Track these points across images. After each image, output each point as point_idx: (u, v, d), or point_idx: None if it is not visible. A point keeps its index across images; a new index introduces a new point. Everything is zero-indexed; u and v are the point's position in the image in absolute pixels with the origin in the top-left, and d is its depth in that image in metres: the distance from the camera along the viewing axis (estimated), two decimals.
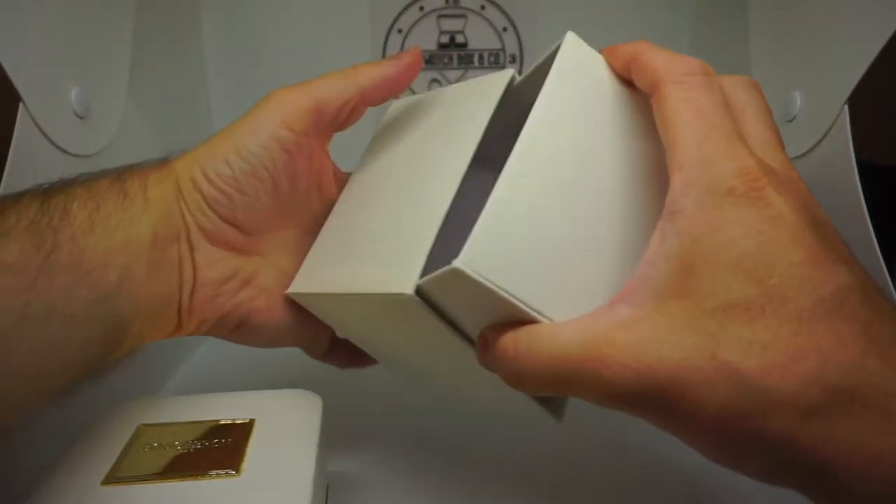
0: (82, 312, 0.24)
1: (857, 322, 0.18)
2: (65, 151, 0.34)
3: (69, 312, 0.23)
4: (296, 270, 0.32)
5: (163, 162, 0.30)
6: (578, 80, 0.24)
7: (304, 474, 0.26)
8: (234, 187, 0.29)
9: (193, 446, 0.27)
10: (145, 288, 0.26)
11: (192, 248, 0.29)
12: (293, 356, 0.48)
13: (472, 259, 0.20)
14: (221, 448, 0.27)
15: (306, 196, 0.32)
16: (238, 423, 0.28)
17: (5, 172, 0.30)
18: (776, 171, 0.21)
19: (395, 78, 0.31)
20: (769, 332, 0.18)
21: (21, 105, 0.31)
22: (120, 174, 0.28)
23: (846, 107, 0.33)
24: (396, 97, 0.33)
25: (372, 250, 0.28)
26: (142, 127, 0.43)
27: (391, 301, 0.25)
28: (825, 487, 0.18)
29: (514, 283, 0.21)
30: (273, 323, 0.31)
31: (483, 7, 0.53)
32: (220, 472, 0.25)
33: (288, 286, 0.31)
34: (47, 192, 0.25)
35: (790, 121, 0.38)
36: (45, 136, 0.32)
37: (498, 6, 0.53)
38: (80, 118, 0.35)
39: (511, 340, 0.22)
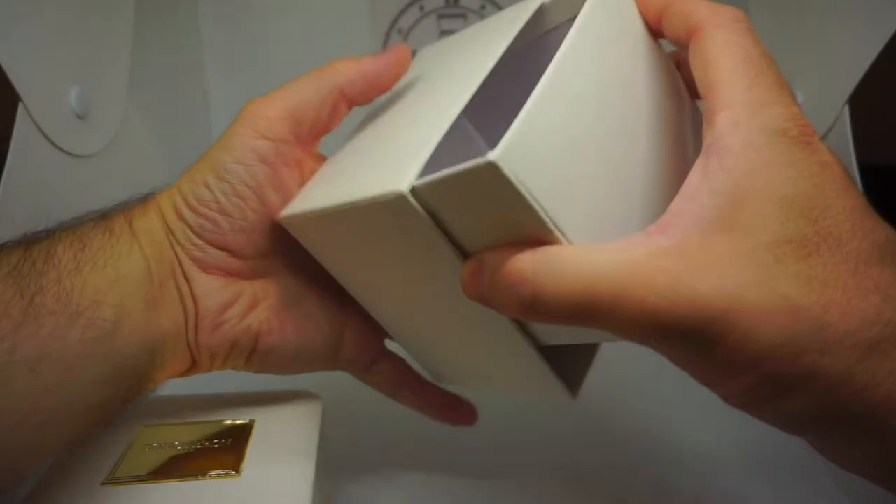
0: (79, 353, 0.23)
1: None
2: (64, 151, 0.34)
3: (64, 355, 0.22)
4: (308, 286, 0.30)
5: (147, 197, 0.29)
6: (613, 12, 0.23)
7: (304, 474, 0.26)
8: (218, 210, 0.27)
9: (193, 446, 0.27)
10: (147, 324, 0.25)
11: (188, 279, 0.27)
12: None
13: (508, 156, 0.18)
14: (221, 448, 0.27)
15: None
16: (238, 424, 0.28)
17: (5, 172, 0.30)
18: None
19: (376, 75, 0.29)
20: (827, 270, 0.18)
21: (21, 105, 0.31)
22: (104, 214, 0.27)
23: (846, 107, 0.33)
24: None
25: (369, 160, 0.25)
26: (141, 127, 0.43)
27: (384, 208, 0.22)
28: (868, 432, 0.18)
29: (545, 194, 0.19)
30: (288, 341, 0.29)
31: (483, 7, 0.53)
32: (220, 472, 0.25)
33: (305, 307, 0.29)
34: (30, 240, 0.24)
35: None
36: (45, 136, 0.32)
37: (498, 6, 0.53)
38: (80, 118, 0.35)
39: (528, 262, 0.20)
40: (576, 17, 0.22)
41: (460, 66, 0.27)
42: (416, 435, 0.39)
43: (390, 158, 0.24)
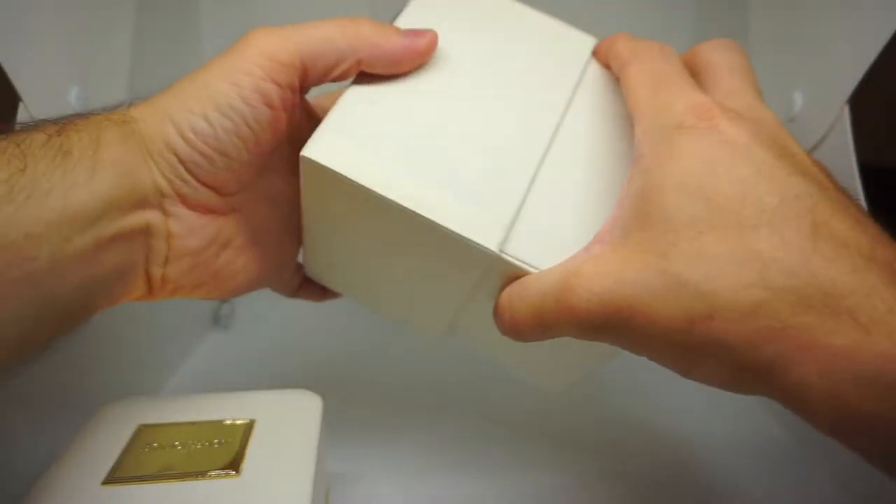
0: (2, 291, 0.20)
1: (807, 225, 0.19)
2: None
3: None
4: (275, 221, 0.31)
5: (119, 113, 0.25)
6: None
7: (304, 474, 0.26)
8: (216, 148, 0.25)
9: (193, 446, 0.27)
10: (91, 264, 0.23)
11: (166, 214, 0.26)
12: (293, 356, 0.48)
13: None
14: (221, 448, 0.27)
15: (286, 146, 0.29)
16: (238, 423, 0.28)
17: None
18: (737, 110, 0.22)
19: (398, 60, 0.27)
20: (715, 244, 0.19)
21: (21, 105, 0.31)
22: (61, 127, 0.23)
23: (847, 107, 0.33)
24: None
25: (453, 174, 0.25)
26: None
27: (460, 247, 0.24)
28: (781, 387, 0.19)
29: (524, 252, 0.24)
30: (251, 278, 0.30)
31: None
32: (220, 472, 0.25)
33: (265, 242, 0.30)
34: None
35: (790, 121, 0.38)
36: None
37: None
38: None
39: (506, 294, 0.24)
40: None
41: (531, 107, 0.28)
42: (416, 435, 0.39)
43: (479, 194, 0.25)
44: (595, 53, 0.30)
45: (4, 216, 0.20)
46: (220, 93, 0.25)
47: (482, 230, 0.24)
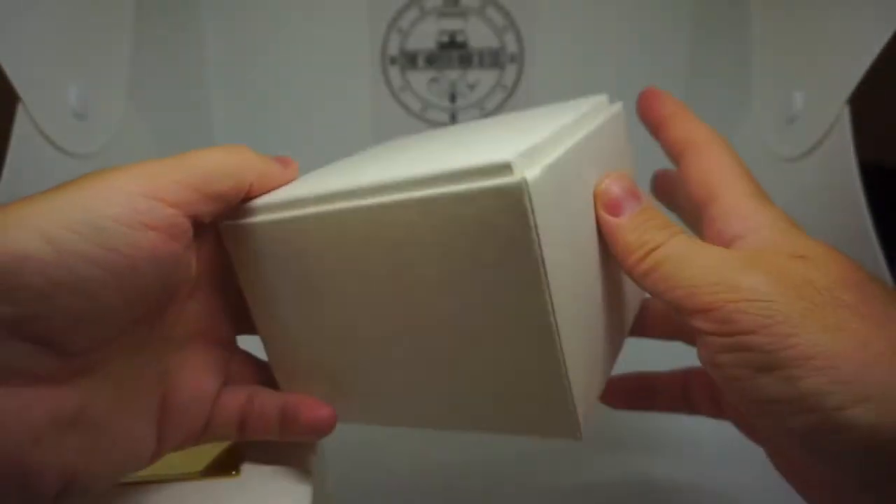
0: None
1: None
2: (64, 151, 0.34)
3: None
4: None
5: None
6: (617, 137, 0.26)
7: (304, 474, 0.26)
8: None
9: (193, 446, 0.27)
10: None
11: None
12: None
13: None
14: (221, 448, 0.27)
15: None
16: None
17: (4, 171, 0.30)
18: None
19: (279, 185, 0.24)
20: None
21: (20, 104, 0.31)
22: None
23: (847, 107, 0.33)
24: None
25: (437, 150, 0.21)
26: (141, 126, 0.43)
27: (479, 204, 0.18)
28: None
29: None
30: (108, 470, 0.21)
31: (483, 7, 0.53)
32: (220, 472, 0.25)
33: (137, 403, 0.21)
34: None
35: (790, 121, 0.38)
36: (44, 135, 0.32)
37: (498, 6, 0.53)
38: (79, 117, 0.35)
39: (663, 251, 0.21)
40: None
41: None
42: (416, 435, 0.39)
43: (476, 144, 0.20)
44: (641, 104, 0.28)
45: None
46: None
47: (489, 154, 0.18)
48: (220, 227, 0.23)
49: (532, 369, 0.20)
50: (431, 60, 0.55)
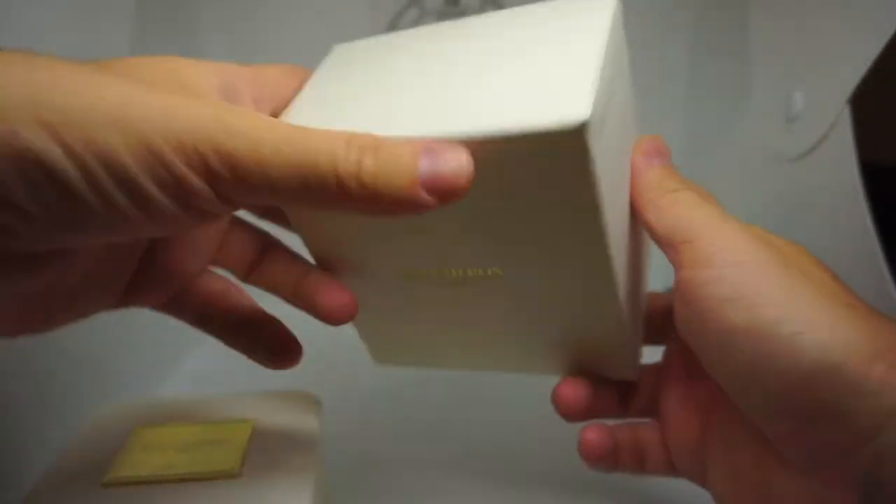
0: None
1: None
2: None
3: None
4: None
5: None
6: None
7: (304, 474, 0.26)
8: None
9: (193, 447, 0.27)
10: None
11: None
12: None
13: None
14: (221, 449, 0.27)
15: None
16: (238, 424, 0.28)
17: None
18: None
19: None
20: None
21: None
22: None
23: (847, 106, 0.33)
24: None
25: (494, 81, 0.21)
26: None
27: (545, 146, 0.18)
28: None
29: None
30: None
31: (483, 6, 0.53)
32: (220, 472, 0.25)
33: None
34: None
35: (791, 121, 0.38)
36: None
37: (498, 5, 0.53)
38: None
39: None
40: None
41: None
42: (416, 435, 0.39)
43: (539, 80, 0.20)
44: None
45: None
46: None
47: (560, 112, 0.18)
48: None
49: (592, 296, 0.24)
50: None
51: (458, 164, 0.18)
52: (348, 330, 0.51)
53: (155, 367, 0.44)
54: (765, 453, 0.22)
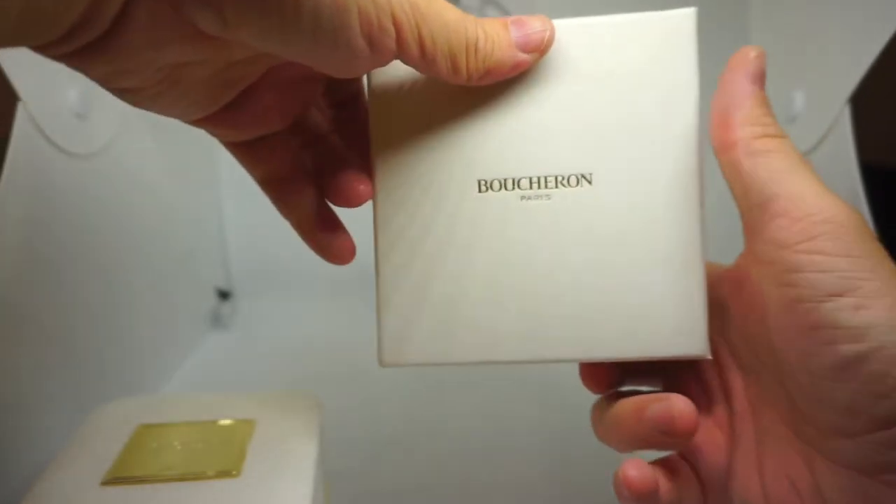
0: None
1: None
2: (64, 151, 0.34)
3: None
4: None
5: None
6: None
7: (304, 474, 0.26)
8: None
9: (193, 446, 0.27)
10: None
11: None
12: (293, 356, 0.48)
13: None
14: (221, 448, 0.27)
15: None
16: (238, 423, 0.28)
17: (4, 171, 0.30)
18: None
19: None
20: None
21: (20, 105, 0.31)
22: None
23: (847, 106, 0.33)
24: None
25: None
26: (141, 127, 0.43)
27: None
28: None
29: None
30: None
31: (483, 6, 0.53)
32: (220, 472, 0.25)
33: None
34: None
35: (791, 120, 0.38)
36: (44, 135, 0.32)
37: (497, 4, 0.53)
38: (80, 118, 0.35)
39: None
40: None
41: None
42: (415, 434, 0.39)
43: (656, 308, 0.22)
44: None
45: None
46: None
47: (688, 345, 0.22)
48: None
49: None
50: None
51: (541, 23, 0.22)
52: (350, 331, 0.51)
53: (155, 366, 0.44)
54: (807, 458, 0.21)
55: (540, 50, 0.22)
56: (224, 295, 0.56)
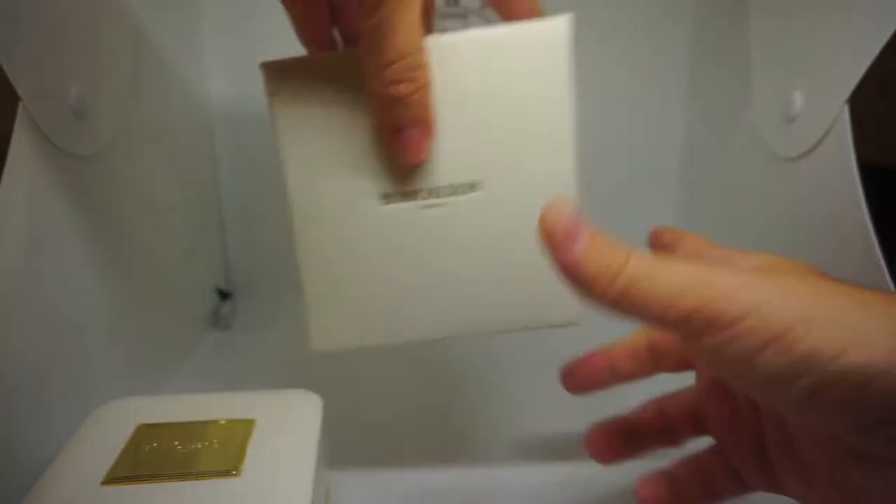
0: None
1: None
2: (64, 151, 0.34)
3: None
4: None
5: None
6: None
7: (304, 474, 0.26)
8: None
9: (193, 446, 0.27)
10: None
11: None
12: (293, 356, 0.48)
13: None
14: (221, 448, 0.27)
15: None
16: (238, 423, 0.28)
17: (4, 172, 0.30)
18: None
19: None
20: None
21: (20, 105, 0.31)
22: None
23: (847, 106, 0.33)
24: None
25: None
26: (142, 127, 0.43)
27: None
28: None
29: None
30: None
31: (483, 6, 0.53)
32: (220, 472, 0.25)
33: None
34: None
35: (790, 121, 0.38)
36: (45, 135, 0.32)
37: None
38: (79, 118, 0.35)
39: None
40: None
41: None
42: (416, 434, 0.39)
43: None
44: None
45: None
46: None
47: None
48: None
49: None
50: None
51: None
52: None
53: (155, 366, 0.44)
54: (837, 449, 0.21)
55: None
56: (224, 295, 0.56)
